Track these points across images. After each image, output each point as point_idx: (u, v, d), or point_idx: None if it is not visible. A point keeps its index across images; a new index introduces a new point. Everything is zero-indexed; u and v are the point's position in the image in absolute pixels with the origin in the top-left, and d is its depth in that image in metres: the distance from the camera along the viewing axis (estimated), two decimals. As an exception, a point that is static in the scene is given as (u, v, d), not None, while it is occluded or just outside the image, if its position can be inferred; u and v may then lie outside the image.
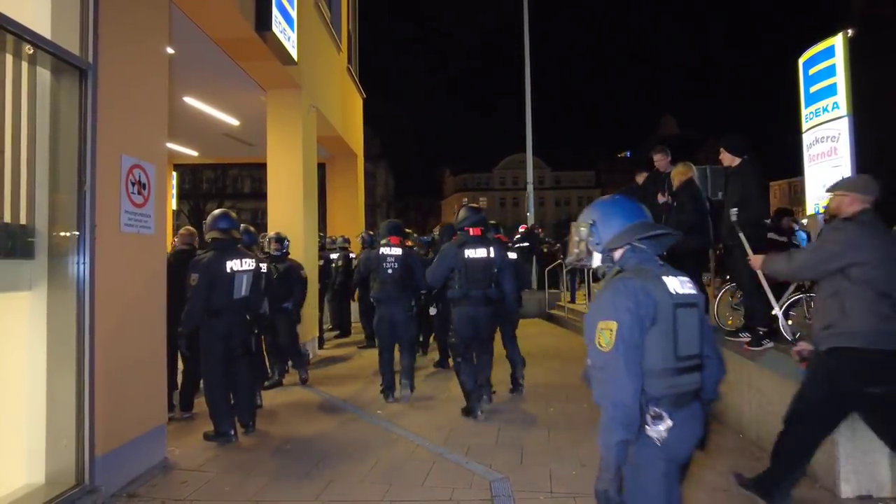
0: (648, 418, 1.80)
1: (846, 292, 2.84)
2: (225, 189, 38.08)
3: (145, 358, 3.82)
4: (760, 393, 3.95)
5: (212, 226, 4.47)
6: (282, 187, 7.83)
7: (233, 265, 4.36)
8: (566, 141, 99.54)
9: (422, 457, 4.01)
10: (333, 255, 9.24)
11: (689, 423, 1.85)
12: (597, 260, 2.04)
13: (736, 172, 4.69)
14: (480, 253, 4.87)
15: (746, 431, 4.17)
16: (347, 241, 9.48)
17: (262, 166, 8.45)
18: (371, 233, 9.15)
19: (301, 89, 7.83)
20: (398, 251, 5.68)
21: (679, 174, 5.35)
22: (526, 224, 12.34)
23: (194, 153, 11.92)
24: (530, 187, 13.66)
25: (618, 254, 1.99)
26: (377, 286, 5.63)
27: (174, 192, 13.33)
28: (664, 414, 1.80)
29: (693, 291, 1.91)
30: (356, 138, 12.32)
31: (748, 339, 4.56)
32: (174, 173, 13.30)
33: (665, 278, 1.89)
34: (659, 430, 1.79)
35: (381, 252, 5.68)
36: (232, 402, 4.47)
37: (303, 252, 7.63)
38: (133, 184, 3.71)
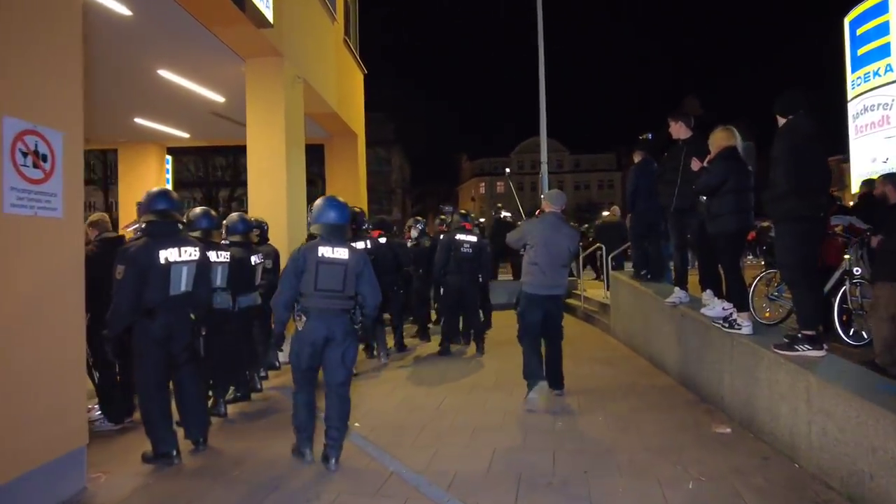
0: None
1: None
2: (238, 175, 37.61)
3: (51, 369, 3.10)
4: (826, 415, 3.08)
5: (146, 207, 3.72)
6: (263, 166, 7.08)
7: (168, 255, 3.61)
8: (586, 123, 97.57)
9: (393, 491, 3.24)
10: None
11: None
12: None
13: (779, 135, 3.80)
14: None
15: (804, 461, 3.31)
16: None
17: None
18: (420, 218, 8.93)
19: (283, 57, 7.04)
20: (473, 238, 7.02)
21: (719, 139, 4.43)
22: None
23: (185, 134, 11.24)
24: (544, 167, 12.72)
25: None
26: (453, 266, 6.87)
27: (169, 176, 12.69)
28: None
29: (342, 256, 3.59)
30: (355, 117, 11.51)
31: (786, 343, 3.68)
32: (168, 157, 12.66)
33: (321, 248, 3.55)
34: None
35: (457, 238, 6.87)
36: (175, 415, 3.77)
37: (287, 239, 6.89)
38: (25, 154, 2.96)
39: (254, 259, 5.23)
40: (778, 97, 3.92)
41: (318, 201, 3.79)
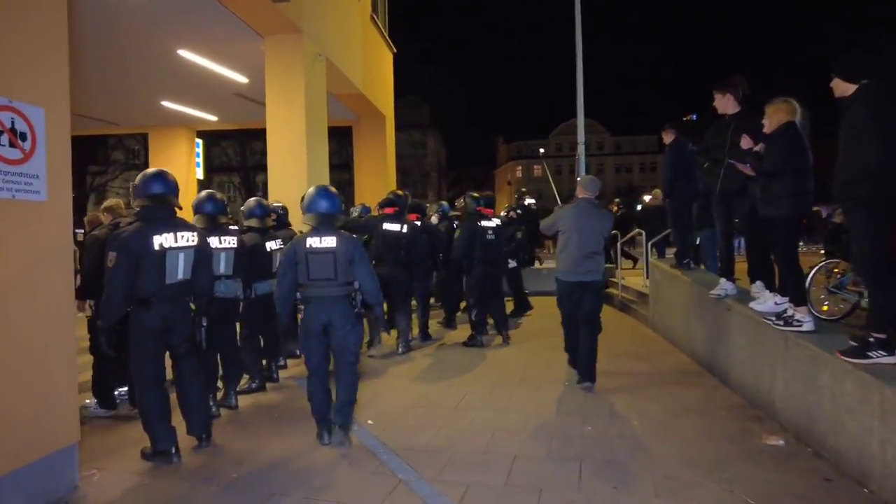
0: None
1: None
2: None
3: (36, 362, 2.90)
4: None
5: (140, 190, 3.47)
6: (283, 148, 6.85)
7: (163, 240, 3.36)
8: (627, 104, 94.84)
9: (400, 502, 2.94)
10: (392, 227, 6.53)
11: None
12: None
13: (848, 106, 3.24)
14: None
15: (877, 486, 2.83)
16: (368, 209, 8.41)
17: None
18: (443, 202, 8.66)
19: (302, 34, 6.74)
20: (494, 223, 6.73)
21: (777, 112, 3.90)
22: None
23: (212, 117, 11.15)
24: (581, 148, 12.12)
25: None
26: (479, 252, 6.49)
27: (200, 160, 12.68)
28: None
29: (329, 245, 3.61)
30: (383, 97, 11.18)
31: (855, 347, 3.17)
32: (199, 141, 12.63)
33: (309, 238, 3.61)
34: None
35: (480, 224, 6.46)
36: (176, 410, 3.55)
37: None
38: (-1, 132, 2.73)
39: (269, 245, 4.99)
40: (841, 57, 3.35)
41: (310, 191, 3.83)
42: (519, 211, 9.23)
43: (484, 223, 6.63)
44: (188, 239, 3.50)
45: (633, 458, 3.40)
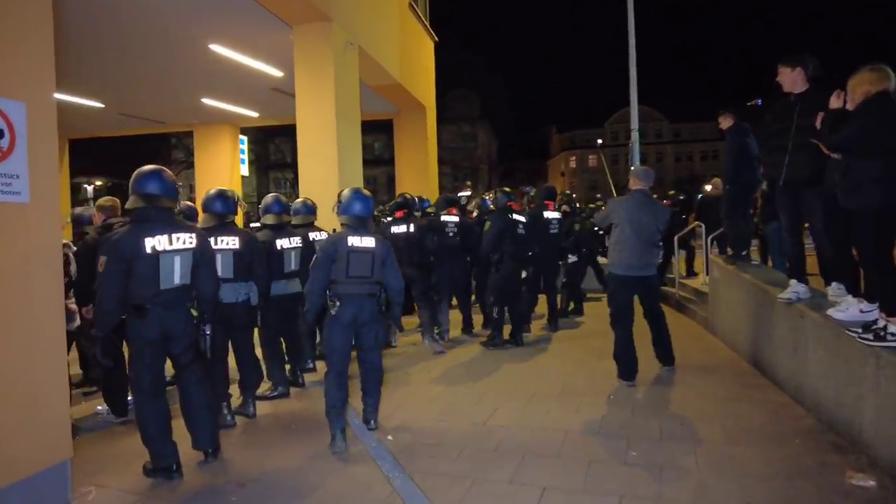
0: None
1: None
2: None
3: (17, 376, 2.71)
4: None
5: (134, 188, 3.23)
6: (312, 141, 6.60)
7: (156, 243, 3.10)
8: (687, 90, 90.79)
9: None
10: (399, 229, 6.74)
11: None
12: None
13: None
14: None
15: None
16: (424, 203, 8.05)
17: (364, 131, 7.68)
18: (487, 196, 8.31)
19: (332, 22, 6.45)
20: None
21: (861, 83, 3.26)
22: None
23: (253, 113, 11.13)
24: (635, 134, 11.35)
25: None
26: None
27: (244, 157, 12.73)
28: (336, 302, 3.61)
29: (370, 245, 3.72)
30: (424, 88, 10.82)
31: None
32: (243, 137, 12.68)
33: (351, 237, 3.66)
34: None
35: (511, 218, 6.14)
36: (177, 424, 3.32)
37: (339, 223, 6.36)
38: (-30, 129, 2.53)
39: (280, 243, 4.71)
40: None
41: (346, 192, 3.93)
42: (570, 206, 8.66)
43: (515, 217, 6.24)
44: (185, 241, 3.24)
45: (682, 494, 2.89)
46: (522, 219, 6.44)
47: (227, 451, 3.63)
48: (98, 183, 37.49)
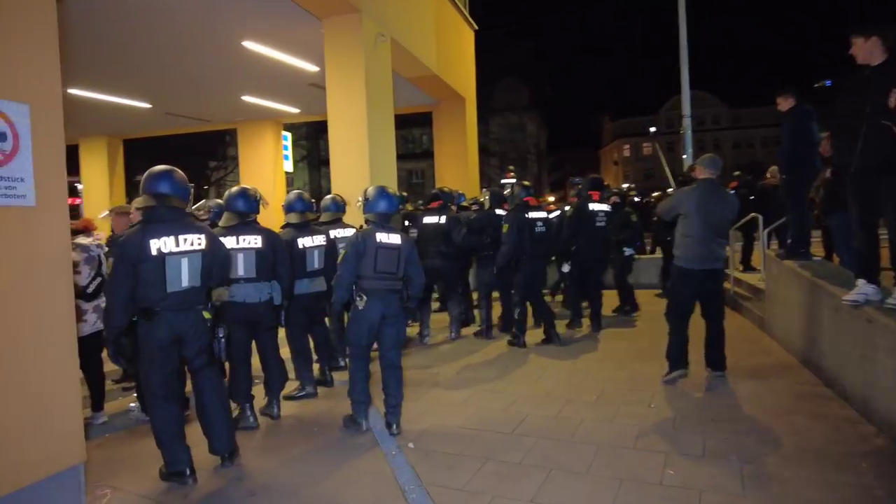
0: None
1: None
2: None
3: (25, 381, 2.68)
4: None
5: (144, 188, 3.17)
6: (344, 137, 6.49)
7: (161, 245, 3.03)
8: (746, 73, 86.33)
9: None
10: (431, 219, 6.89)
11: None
12: None
13: None
14: None
15: None
16: (405, 199, 7.86)
17: (408, 124, 7.66)
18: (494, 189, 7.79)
19: (361, 14, 6.31)
20: (544, 213, 6.28)
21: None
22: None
23: (294, 110, 11.19)
24: (687, 121, 10.73)
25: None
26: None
27: (288, 153, 12.86)
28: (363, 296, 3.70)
29: (396, 242, 3.81)
30: (463, 79, 10.56)
31: None
32: (286, 133, 12.80)
33: (379, 234, 3.76)
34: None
35: (529, 216, 5.91)
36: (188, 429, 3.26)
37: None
38: (-30, 133, 2.49)
39: (302, 242, 4.62)
40: None
41: (370, 190, 4.02)
42: (619, 198, 8.25)
43: (532, 214, 5.99)
44: (193, 242, 3.16)
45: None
46: (541, 214, 6.20)
47: (245, 455, 3.55)
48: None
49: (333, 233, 5.18)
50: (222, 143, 33.73)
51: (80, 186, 13.91)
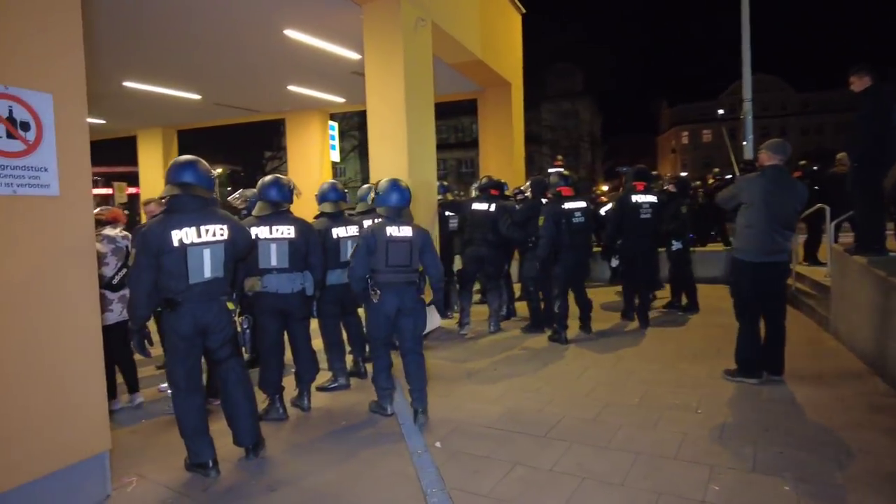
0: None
1: None
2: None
3: (48, 370, 2.70)
4: None
5: (169, 178, 3.15)
6: (382, 125, 6.37)
7: (183, 235, 2.99)
8: (816, 55, 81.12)
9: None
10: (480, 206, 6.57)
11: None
12: None
13: None
14: None
15: None
16: (448, 189, 7.67)
17: (457, 113, 7.56)
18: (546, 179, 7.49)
19: (400, -2, 6.14)
20: (583, 203, 5.97)
21: None
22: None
23: (339, 99, 11.18)
24: (747, 105, 10.05)
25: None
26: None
27: (335, 143, 12.92)
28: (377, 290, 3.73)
29: (407, 234, 3.80)
30: (509, 64, 10.25)
31: None
32: (333, 123, 12.86)
33: (389, 228, 3.76)
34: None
35: (565, 206, 5.76)
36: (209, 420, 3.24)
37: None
38: (-8, 122, 2.50)
39: (336, 232, 4.55)
40: None
41: (382, 183, 4.02)
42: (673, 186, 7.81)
43: (569, 205, 5.77)
44: (215, 233, 3.11)
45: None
46: (580, 204, 5.94)
47: (270, 448, 3.52)
48: (219, 171, 40.63)
49: (368, 223, 5.10)
50: (277, 134, 34.55)
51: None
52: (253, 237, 3.87)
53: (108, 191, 19.62)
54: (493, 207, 6.24)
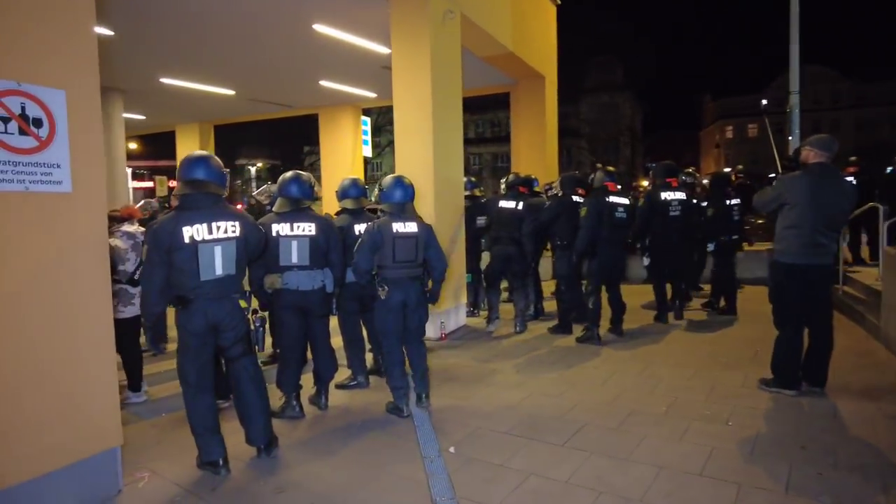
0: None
1: None
2: (465, 134, 38.52)
3: (59, 365, 2.71)
4: None
5: (181, 174, 3.13)
6: (408, 120, 6.28)
7: (194, 232, 2.97)
8: (874, 44, 77.16)
9: None
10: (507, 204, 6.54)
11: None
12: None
13: None
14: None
15: None
16: (475, 184, 7.52)
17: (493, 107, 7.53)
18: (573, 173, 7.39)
19: (427, -11, 6.02)
20: (626, 199, 5.86)
21: None
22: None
23: (371, 94, 11.15)
24: (794, 98, 9.54)
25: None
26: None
27: (367, 137, 12.92)
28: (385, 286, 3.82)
29: (413, 230, 3.86)
30: (543, 57, 10.01)
31: None
32: (366, 118, 12.86)
33: (395, 224, 3.83)
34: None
35: (609, 200, 5.66)
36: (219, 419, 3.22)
37: (433, 207, 6.06)
38: (5, 120, 2.50)
39: (359, 228, 4.49)
40: None
41: (386, 180, 4.10)
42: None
43: (613, 198, 5.67)
44: (227, 230, 3.07)
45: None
46: (623, 200, 5.83)
47: (284, 447, 3.49)
48: (259, 164, 41.37)
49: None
50: (315, 128, 35.03)
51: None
52: (274, 234, 3.85)
53: (151, 184, 20.22)
54: (520, 206, 6.18)
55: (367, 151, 13.09)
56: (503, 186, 6.59)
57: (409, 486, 3.00)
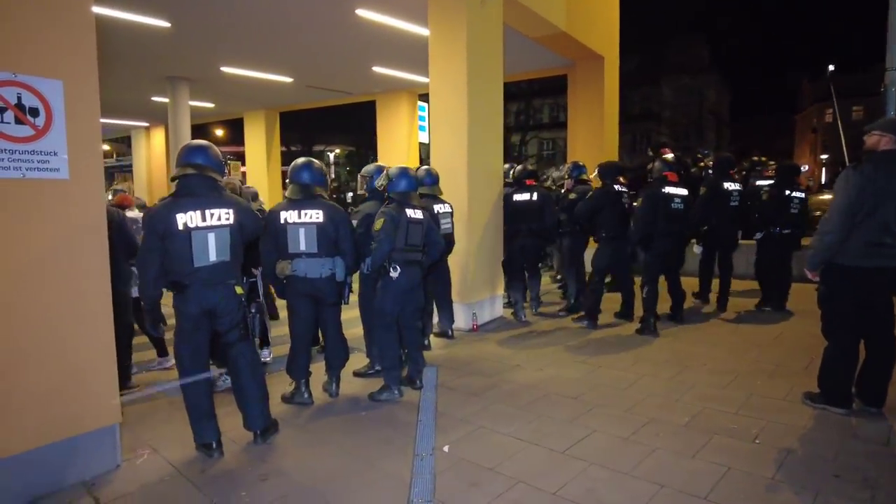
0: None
1: None
2: (528, 120, 37.61)
3: (57, 345, 2.84)
4: None
5: (180, 159, 3.17)
6: (443, 107, 6.13)
7: (188, 219, 3.00)
8: None
9: None
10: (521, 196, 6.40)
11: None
12: None
13: None
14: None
15: None
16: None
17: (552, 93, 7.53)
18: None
19: (463, -31, 5.81)
20: (684, 191, 5.73)
21: None
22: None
23: (423, 79, 11.02)
24: (892, 75, 8.44)
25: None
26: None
27: (425, 123, 12.86)
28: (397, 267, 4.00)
29: (420, 216, 4.08)
30: (602, 36, 9.47)
31: None
32: (423, 104, 12.79)
33: (408, 210, 4.05)
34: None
35: (665, 191, 5.58)
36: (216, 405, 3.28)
37: (466, 194, 5.92)
38: (0, 110, 2.61)
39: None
40: None
41: (393, 170, 4.25)
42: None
43: (669, 189, 5.49)
44: (220, 217, 3.09)
45: None
46: (681, 191, 5.64)
47: (283, 433, 3.52)
48: (337, 151, 42.58)
49: (437, 207, 5.06)
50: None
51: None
52: (282, 221, 3.87)
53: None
54: (535, 196, 6.22)
55: (424, 137, 13.03)
56: (511, 180, 6.64)
57: (392, 483, 2.92)
